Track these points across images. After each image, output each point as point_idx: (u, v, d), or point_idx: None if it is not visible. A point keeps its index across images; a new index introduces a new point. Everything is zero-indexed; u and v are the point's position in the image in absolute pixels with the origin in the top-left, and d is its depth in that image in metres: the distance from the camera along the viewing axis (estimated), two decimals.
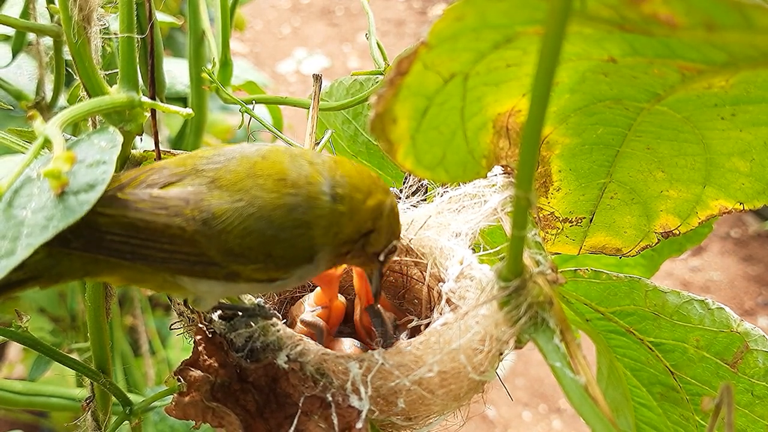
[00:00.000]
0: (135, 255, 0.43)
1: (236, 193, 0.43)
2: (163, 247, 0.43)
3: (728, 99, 0.46)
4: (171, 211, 0.42)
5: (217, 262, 0.44)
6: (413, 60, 0.39)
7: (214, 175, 0.44)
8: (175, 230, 0.42)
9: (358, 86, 0.73)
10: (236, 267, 0.45)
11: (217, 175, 0.44)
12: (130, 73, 0.51)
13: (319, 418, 0.47)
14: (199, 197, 0.43)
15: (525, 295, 0.46)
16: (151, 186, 0.44)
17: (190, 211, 0.43)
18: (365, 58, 3.98)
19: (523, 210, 0.40)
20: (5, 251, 0.39)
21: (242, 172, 0.44)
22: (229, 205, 0.43)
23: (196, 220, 0.43)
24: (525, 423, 2.31)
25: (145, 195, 0.43)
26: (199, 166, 0.45)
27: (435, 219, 0.61)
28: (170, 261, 0.43)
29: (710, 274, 2.85)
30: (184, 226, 0.42)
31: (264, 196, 0.44)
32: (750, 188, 0.53)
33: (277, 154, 0.46)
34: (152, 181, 0.44)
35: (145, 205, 0.42)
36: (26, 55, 0.91)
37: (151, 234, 0.42)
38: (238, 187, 0.44)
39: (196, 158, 0.46)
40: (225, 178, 0.44)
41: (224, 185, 0.44)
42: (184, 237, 0.43)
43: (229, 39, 0.80)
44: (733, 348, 0.56)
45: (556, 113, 0.51)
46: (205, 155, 0.46)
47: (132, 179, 0.44)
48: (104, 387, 0.61)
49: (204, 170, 0.44)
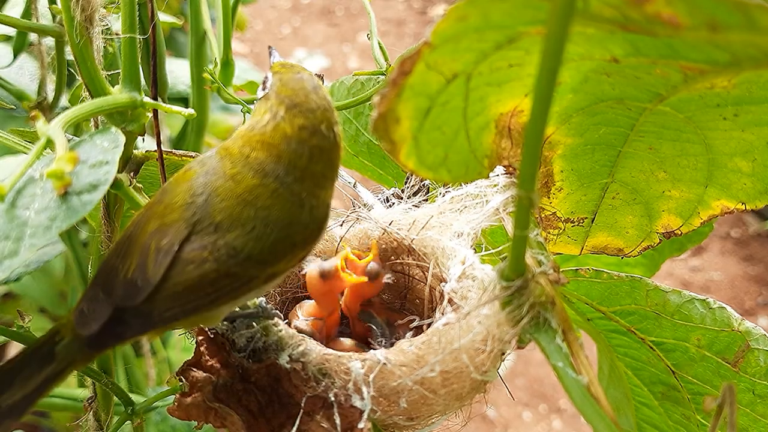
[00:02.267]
0: (186, 312, 0.44)
1: (245, 225, 0.44)
2: (207, 291, 0.44)
3: (731, 99, 0.46)
4: (198, 262, 0.43)
5: (257, 275, 0.45)
6: (416, 60, 0.39)
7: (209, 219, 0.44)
8: (211, 274, 0.43)
9: (359, 86, 0.73)
10: (272, 269, 0.46)
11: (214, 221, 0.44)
12: (132, 73, 0.51)
13: (321, 418, 0.47)
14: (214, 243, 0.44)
15: (527, 295, 0.46)
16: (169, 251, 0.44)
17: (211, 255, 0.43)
18: (365, 58, 3.98)
19: (525, 210, 0.40)
20: (9, 252, 0.39)
21: (233, 205, 0.44)
22: (245, 237, 0.44)
23: (222, 259, 0.43)
24: (525, 423, 2.31)
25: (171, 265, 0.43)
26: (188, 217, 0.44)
27: (437, 219, 0.61)
28: (218, 298, 0.45)
29: (710, 274, 2.85)
30: (217, 267, 0.43)
31: (270, 213, 0.44)
32: (752, 188, 0.53)
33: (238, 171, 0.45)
34: (166, 245, 0.44)
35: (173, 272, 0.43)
36: (28, 56, 0.91)
37: (192, 289, 0.43)
38: (242, 219, 0.44)
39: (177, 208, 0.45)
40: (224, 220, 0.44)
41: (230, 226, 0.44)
42: (221, 274, 0.44)
43: (230, 39, 0.80)
44: (735, 347, 0.56)
45: (558, 113, 0.51)
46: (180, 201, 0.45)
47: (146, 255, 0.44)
48: (106, 387, 0.61)
49: (197, 220, 0.44)
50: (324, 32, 4.25)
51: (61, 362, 0.43)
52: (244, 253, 0.44)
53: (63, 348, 0.43)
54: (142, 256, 0.44)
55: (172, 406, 0.49)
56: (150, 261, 0.43)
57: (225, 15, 0.79)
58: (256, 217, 0.44)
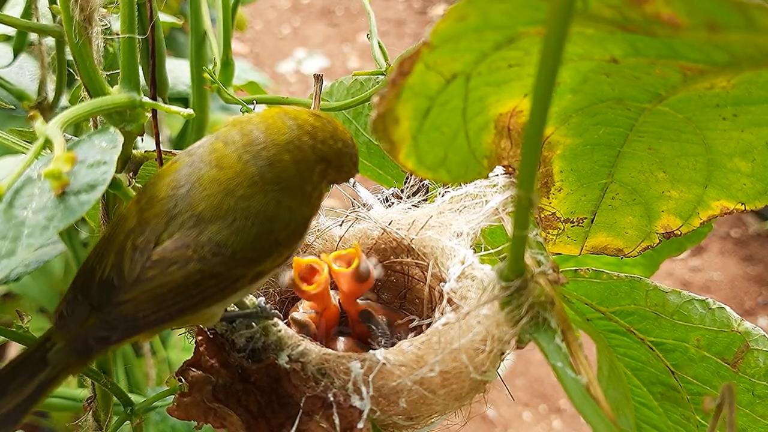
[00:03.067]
0: (172, 314, 0.43)
1: (226, 216, 0.43)
2: (192, 293, 0.43)
3: (730, 99, 0.46)
4: (181, 263, 0.43)
5: (243, 274, 0.45)
6: (415, 60, 0.39)
7: (191, 210, 0.44)
8: (195, 275, 0.43)
9: (358, 86, 0.73)
10: (258, 268, 0.46)
11: (195, 210, 0.43)
12: (132, 73, 0.51)
13: (320, 418, 0.47)
14: (196, 238, 0.43)
15: (526, 295, 0.46)
16: (145, 249, 0.43)
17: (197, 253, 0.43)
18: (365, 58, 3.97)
19: (524, 210, 0.40)
20: (6, 251, 0.39)
21: (215, 194, 0.44)
22: (228, 230, 0.43)
23: (207, 258, 0.43)
24: (525, 423, 2.31)
25: (149, 263, 0.43)
26: (169, 209, 0.44)
27: (436, 219, 0.61)
28: (205, 299, 0.44)
29: (710, 274, 2.85)
30: (201, 267, 0.43)
31: (251, 204, 0.44)
32: (751, 189, 0.53)
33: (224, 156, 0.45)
34: (142, 243, 0.43)
35: (155, 272, 0.43)
36: (28, 56, 0.91)
37: (177, 291, 0.43)
38: (223, 210, 0.43)
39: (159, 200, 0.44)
40: (204, 210, 0.43)
41: (210, 217, 0.43)
42: (206, 275, 0.43)
43: (230, 39, 0.80)
44: (734, 348, 0.56)
45: (557, 114, 0.51)
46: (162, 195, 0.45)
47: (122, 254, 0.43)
48: (105, 387, 0.61)
49: (178, 212, 0.44)
50: (324, 32, 4.25)
51: (55, 368, 0.42)
52: (227, 249, 0.43)
53: (55, 353, 0.43)
54: (118, 255, 0.43)
55: (172, 405, 0.49)
56: (126, 260, 0.43)
57: (225, 15, 0.79)
58: (236, 208, 0.43)
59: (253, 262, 0.45)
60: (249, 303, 0.54)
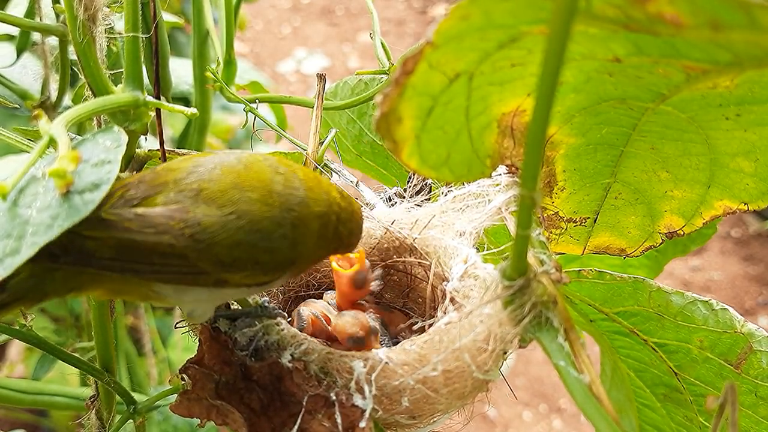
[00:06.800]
0: (125, 269, 0.43)
1: (224, 206, 0.43)
2: (153, 261, 0.43)
3: (733, 99, 0.46)
4: (159, 229, 0.42)
5: (207, 271, 0.44)
6: (418, 59, 0.39)
7: (197, 186, 0.44)
8: (165, 248, 0.43)
9: (362, 86, 0.73)
10: (225, 275, 0.45)
11: (200, 187, 0.44)
12: (135, 72, 0.51)
13: (322, 416, 0.47)
14: (185, 211, 0.43)
15: (529, 294, 0.45)
16: (130, 202, 0.43)
17: (177, 226, 0.43)
18: (365, 58, 3.98)
19: (527, 209, 0.40)
20: (10, 250, 0.39)
21: (227, 183, 0.44)
22: (218, 218, 0.43)
23: (184, 236, 0.43)
24: (525, 423, 2.31)
25: (129, 214, 0.43)
26: (180, 178, 0.44)
27: (439, 218, 0.61)
28: (161, 272, 0.44)
29: (711, 274, 2.85)
30: (174, 242, 0.43)
31: (254, 209, 0.44)
32: (754, 188, 0.53)
33: (258, 164, 0.46)
34: (130, 196, 0.44)
35: (132, 225, 0.42)
36: (31, 55, 0.91)
37: (141, 252, 0.42)
38: (225, 198, 0.44)
39: (175, 170, 0.45)
40: (209, 189, 0.44)
41: (210, 197, 0.43)
42: (174, 252, 0.43)
43: (233, 38, 0.80)
44: (737, 349, 0.56)
45: (560, 113, 0.51)
46: (182, 167, 0.45)
47: (109, 196, 0.43)
48: (109, 386, 0.61)
49: (186, 182, 0.44)
50: (324, 32, 4.25)
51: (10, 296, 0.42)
52: (207, 236, 0.43)
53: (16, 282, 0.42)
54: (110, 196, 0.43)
55: (175, 402, 0.49)
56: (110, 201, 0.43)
57: (227, 15, 0.79)
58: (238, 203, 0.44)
59: (224, 266, 0.44)
60: (251, 302, 0.54)
